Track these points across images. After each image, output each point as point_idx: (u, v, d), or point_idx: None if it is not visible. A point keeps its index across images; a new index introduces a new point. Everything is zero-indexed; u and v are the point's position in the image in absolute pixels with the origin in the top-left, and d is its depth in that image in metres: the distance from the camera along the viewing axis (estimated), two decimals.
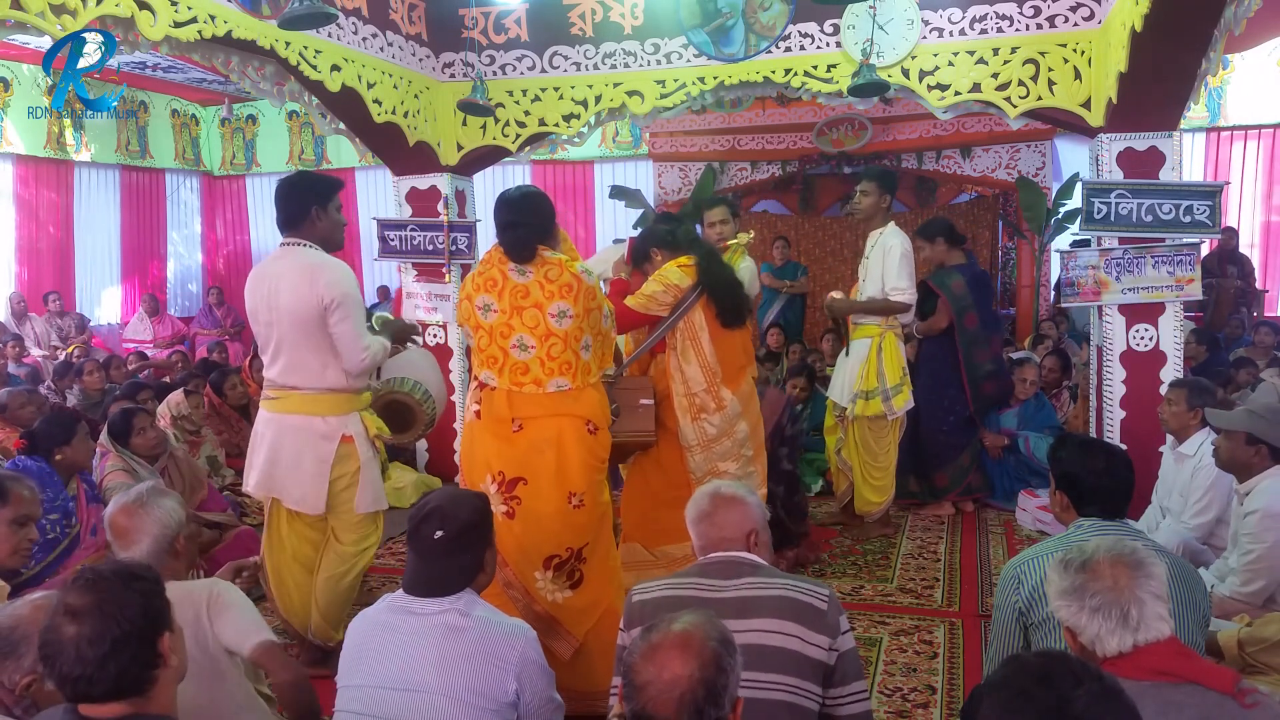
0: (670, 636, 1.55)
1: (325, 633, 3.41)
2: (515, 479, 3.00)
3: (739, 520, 2.21)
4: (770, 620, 2.01)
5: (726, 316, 3.74)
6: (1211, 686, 1.66)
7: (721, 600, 2.05)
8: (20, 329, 8.36)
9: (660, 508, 3.68)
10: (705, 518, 2.23)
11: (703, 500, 2.28)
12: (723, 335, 3.73)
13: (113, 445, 4.25)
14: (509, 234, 3.04)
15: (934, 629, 3.80)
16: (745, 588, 2.08)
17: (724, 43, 5.28)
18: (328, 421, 3.28)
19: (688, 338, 3.72)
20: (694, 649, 1.53)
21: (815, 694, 2.00)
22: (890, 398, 4.76)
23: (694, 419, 3.70)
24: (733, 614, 1.99)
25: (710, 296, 3.71)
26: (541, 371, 2.99)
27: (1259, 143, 8.97)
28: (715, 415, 3.69)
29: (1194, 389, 3.88)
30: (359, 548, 3.41)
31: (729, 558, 2.16)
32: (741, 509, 2.23)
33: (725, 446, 3.73)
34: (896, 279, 4.71)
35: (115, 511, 2.36)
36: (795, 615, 2.02)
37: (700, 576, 2.14)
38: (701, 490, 2.33)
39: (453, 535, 2.12)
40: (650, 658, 1.53)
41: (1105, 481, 2.41)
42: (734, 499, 2.25)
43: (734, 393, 3.75)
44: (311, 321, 3.18)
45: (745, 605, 2.04)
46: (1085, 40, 4.79)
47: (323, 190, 3.32)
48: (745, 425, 3.77)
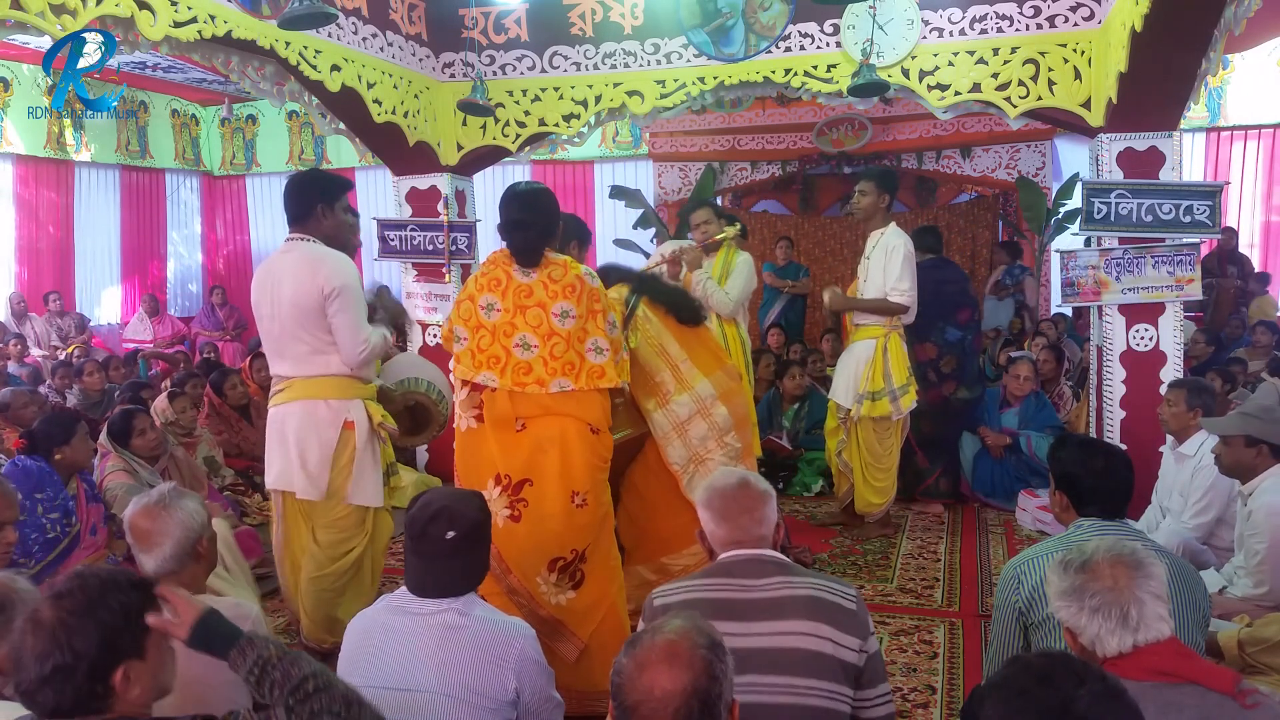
0: (656, 650, 1.46)
1: (314, 634, 3.38)
2: (521, 481, 2.98)
3: (770, 515, 2.12)
4: (802, 622, 1.95)
5: (680, 314, 3.68)
6: (1212, 687, 1.66)
7: (749, 601, 1.98)
8: (20, 329, 8.36)
9: (656, 517, 3.60)
10: (740, 510, 2.09)
11: (734, 490, 2.13)
12: (682, 330, 3.66)
13: (113, 446, 4.25)
14: (517, 234, 3.02)
15: (934, 629, 3.80)
16: (775, 587, 2.00)
17: (724, 43, 5.28)
18: (330, 405, 3.26)
19: (634, 329, 3.63)
20: (683, 660, 1.44)
21: (848, 697, 1.96)
22: (898, 398, 4.75)
23: (662, 404, 3.56)
24: (763, 615, 1.95)
25: (653, 301, 3.66)
26: (544, 371, 2.98)
27: (1259, 143, 8.97)
28: (682, 394, 3.56)
29: (1193, 389, 3.88)
30: (340, 550, 3.31)
31: (756, 555, 2.06)
32: (771, 504, 2.14)
33: (702, 429, 3.56)
34: (899, 279, 4.71)
35: (136, 513, 2.30)
36: (827, 617, 1.96)
37: (726, 576, 2.04)
38: (727, 478, 2.18)
39: (463, 534, 2.11)
40: (638, 676, 1.44)
41: (1105, 482, 2.41)
42: (766, 494, 2.14)
43: (709, 379, 3.62)
44: (312, 311, 3.18)
45: (776, 606, 1.97)
46: (1085, 40, 4.79)
47: (330, 189, 3.32)
48: (725, 410, 3.61)
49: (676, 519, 3.52)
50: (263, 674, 1.71)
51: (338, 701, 1.70)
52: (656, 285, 3.82)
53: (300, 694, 1.69)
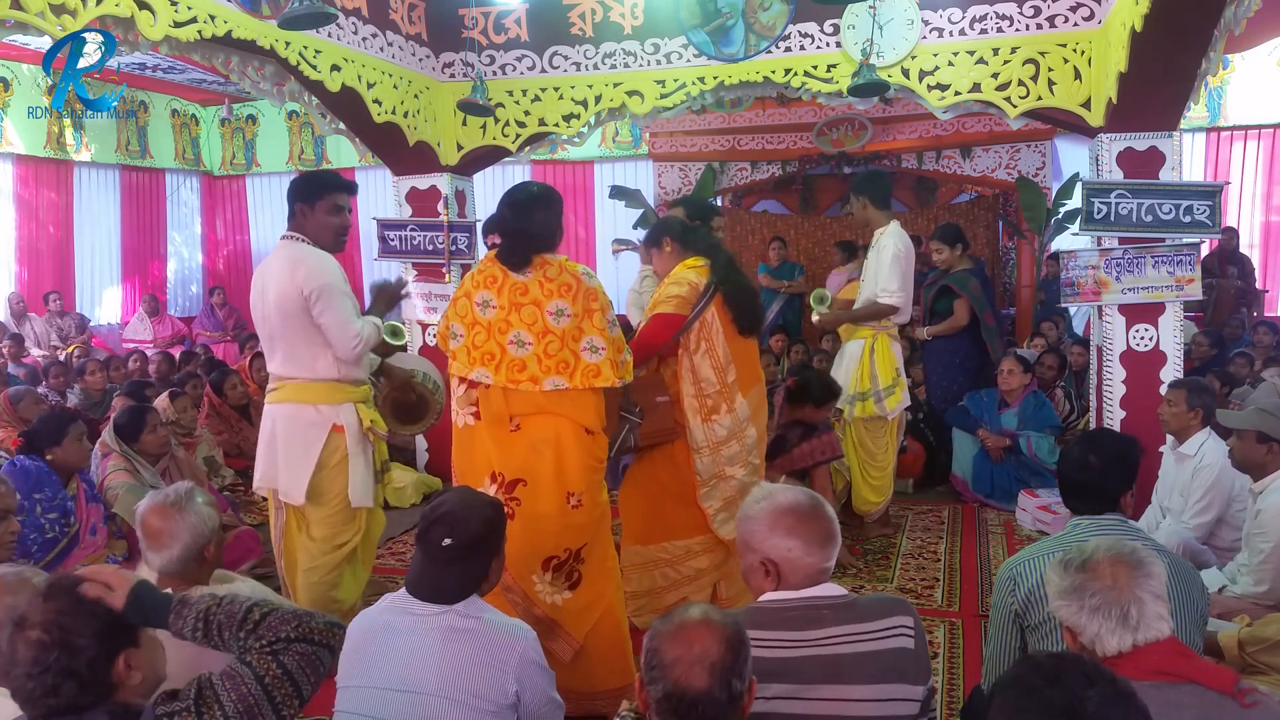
0: (692, 618, 1.59)
1: None
2: (515, 480, 2.98)
3: (837, 547, 1.93)
4: (867, 688, 1.78)
5: (743, 322, 3.67)
6: (1211, 686, 1.66)
7: (801, 660, 1.79)
8: (20, 329, 8.36)
9: (668, 502, 3.64)
10: (815, 540, 1.88)
11: (809, 515, 1.90)
12: (737, 340, 3.67)
13: (118, 444, 4.25)
14: (505, 241, 3.05)
15: (934, 629, 3.80)
16: (830, 643, 1.80)
17: (724, 43, 5.28)
18: (319, 410, 3.30)
19: (703, 337, 3.62)
20: (715, 627, 1.57)
21: None
22: (883, 399, 4.77)
23: (705, 420, 3.60)
24: (818, 678, 1.77)
25: (726, 300, 3.64)
26: (538, 369, 2.97)
27: (1259, 143, 8.97)
28: (726, 417, 3.61)
29: (1193, 389, 3.88)
30: (332, 545, 3.37)
31: (809, 600, 1.85)
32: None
33: (734, 450, 3.64)
34: (887, 280, 4.72)
35: (149, 511, 2.32)
36: (897, 673, 1.80)
37: (774, 629, 1.81)
38: (798, 496, 1.94)
39: (460, 545, 2.09)
40: (677, 636, 1.57)
41: (1078, 475, 2.37)
42: (835, 520, 1.94)
43: (745, 397, 3.69)
44: (295, 313, 3.21)
45: (834, 667, 1.79)
46: (1085, 40, 4.78)
47: (309, 189, 3.34)
48: (754, 430, 3.71)
49: (689, 510, 3.62)
50: (207, 625, 1.70)
51: (288, 621, 1.70)
52: (738, 278, 3.73)
53: (248, 625, 1.69)
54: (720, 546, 3.69)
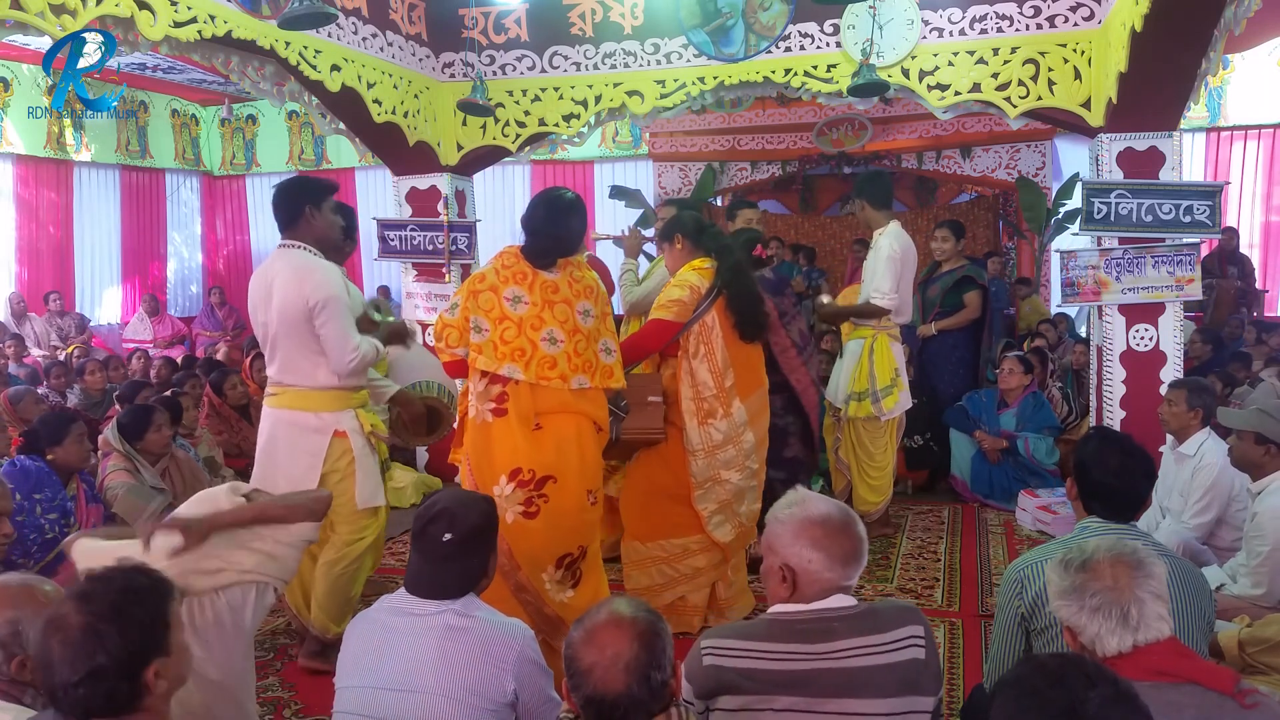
0: (601, 621, 1.61)
1: (323, 623, 3.43)
2: (545, 477, 3.00)
3: (860, 568, 1.88)
4: (880, 701, 1.76)
5: (745, 328, 3.66)
6: (1211, 687, 1.66)
7: (813, 672, 1.76)
8: (20, 329, 8.36)
9: (664, 501, 3.67)
10: (838, 557, 1.83)
11: (838, 530, 1.85)
12: (738, 345, 3.66)
13: (120, 444, 4.24)
14: (536, 242, 3.10)
15: (934, 629, 3.77)
16: (842, 655, 1.78)
17: (724, 43, 5.28)
18: (320, 417, 3.32)
19: (701, 340, 3.63)
20: (625, 625, 1.59)
21: None
22: (879, 399, 4.76)
23: (701, 423, 3.61)
24: (830, 691, 1.75)
25: (729, 305, 3.64)
26: (568, 367, 3.02)
27: (1259, 143, 8.97)
28: (722, 421, 3.62)
29: (1194, 389, 3.88)
30: (355, 537, 3.42)
31: (820, 613, 1.82)
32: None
33: (729, 454, 3.64)
34: (880, 281, 4.71)
35: None
36: (910, 686, 1.79)
37: (786, 642, 1.79)
38: (829, 510, 1.88)
39: (461, 538, 2.10)
40: (589, 642, 1.58)
41: (1113, 482, 2.32)
42: (864, 540, 1.89)
43: (744, 403, 3.68)
44: (299, 322, 3.22)
45: (846, 679, 1.77)
46: (1085, 40, 4.78)
47: (314, 191, 3.35)
48: (752, 435, 3.70)
49: (686, 510, 3.65)
50: None
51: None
52: (744, 282, 3.71)
53: None
54: (717, 548, 3.69)
